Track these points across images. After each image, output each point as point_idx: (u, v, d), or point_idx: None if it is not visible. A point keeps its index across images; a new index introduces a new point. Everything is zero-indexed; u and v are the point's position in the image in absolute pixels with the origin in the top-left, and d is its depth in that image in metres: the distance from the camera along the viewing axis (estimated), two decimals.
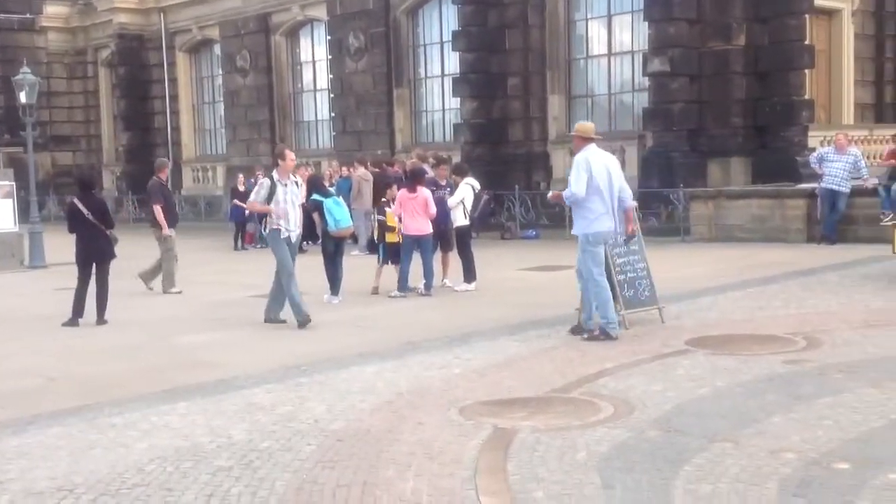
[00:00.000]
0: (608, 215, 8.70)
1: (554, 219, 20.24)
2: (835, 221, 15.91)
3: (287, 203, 10.13)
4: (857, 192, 15.93)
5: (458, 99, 23.30)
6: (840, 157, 15.93)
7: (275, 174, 10.25)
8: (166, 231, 13.14)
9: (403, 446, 5.51)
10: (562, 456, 5.24)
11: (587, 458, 5.21)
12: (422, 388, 7.00)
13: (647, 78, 20.01)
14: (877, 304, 9.92)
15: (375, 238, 13.66)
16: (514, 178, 21.75)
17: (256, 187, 10.59)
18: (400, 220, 12.08)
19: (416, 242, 12.05)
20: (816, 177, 16.41)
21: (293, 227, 10.21)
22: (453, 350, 8.41)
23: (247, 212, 21.18)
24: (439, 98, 25.47)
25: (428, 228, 12.06)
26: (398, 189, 13.24)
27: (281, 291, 10.22)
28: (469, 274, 12.34)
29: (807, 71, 19.61)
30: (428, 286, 12.08)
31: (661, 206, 18.80)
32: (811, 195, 16.56)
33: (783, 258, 14.08)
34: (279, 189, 10.10)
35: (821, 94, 21.15)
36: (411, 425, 5.95)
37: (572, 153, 22.63)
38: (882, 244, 12.25)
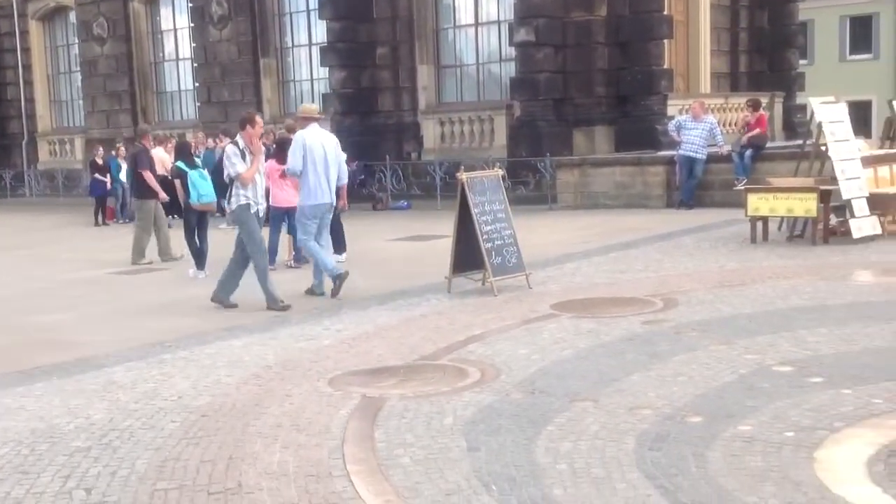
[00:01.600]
0: (323, 190, 9.47)
1: (426, 189, 20.34)
2: (692, 187, 16.53)
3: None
4: (712, 159, 16.57)
5: (327, 69, 23.02)
6: (697, 124, 16.53)
7: (240, 141, 9.23)
8: (163, 196, 13.14)
9: (270, 419, 5.46)
10: (429, 422, 5.31)
11: (454, 422, 5.29)
12: (290, 360, 6.95)
13: (513, 48, 20.22)
14: (730, 266, 10.38)
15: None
16: (385, 148, 21.70)
17: (228, 159, 9.23)
18: (268, 192, 11.86)
19: (285, 214, 11.89)
20: (675, 144, 16.98)
21: (261, 199, 9.36)
22: (323, 321, 8.37)
23: (108, 186, 20.59)
24: (307, 67, 25.06)
25: (297, 200, 11.91)
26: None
27: (236, 273, 9.28)
28: (339, 245, 12.26)
29: (666, 41, 20.19)
30: (297, 258, 11.96)
31: (529, 174, 19.12)
32: (670, 162, 17.14)
33: (644, 223, 14.56)
34: (245, 157, 9.19)
35: (679, 64, 21.84)
36: (279, 398, 5.90)
37: (442, 122, 22.50)
38: (736, 208, 12.80)
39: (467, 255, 9.46)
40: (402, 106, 22.82)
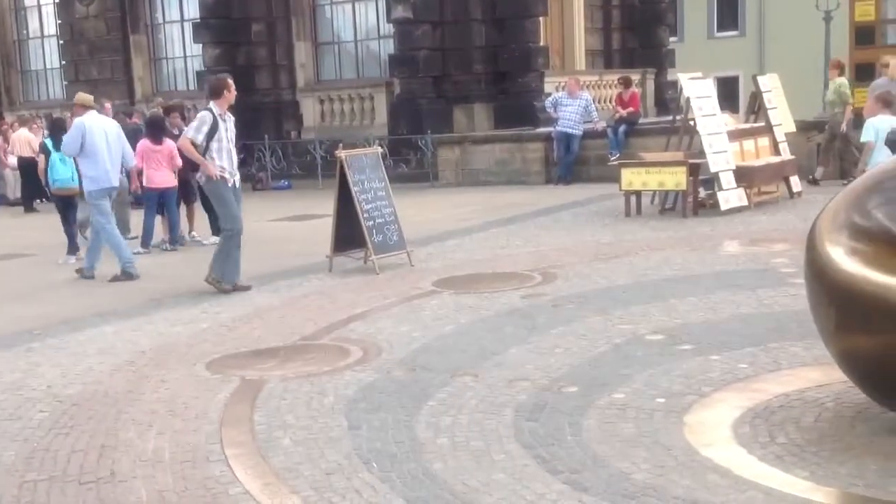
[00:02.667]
0: (107, 172, 9.70)
1: (307, 168, 20.09)
2: (570, 163, 16.84)
3: (229, 143, 8.71)
4: (588, 135, 16.91)
5: (200, 46, 22.41)
6: (572, 101, 16.83)
7: (214, 107, 8.62)
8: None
9: (145, 406, 5.33)
10: (310, 402, 5.27)
11: (335, 402, 5.27)
12: (166, 345, 6.78)
13: (391, 24, 20.13)
14: (606, 239, 10.64)
15: None
16: (264, 127, 21.28)
17: (195, 122, 8.66)
18: (140, 173, 11.52)
19: (160, 195, 11.58)
20: (552, 121, 17.26)
21: (236, 170, 8.84)
22: (200, 304, 8.19)
23: None
24: (180, 44, 24.33)
25: (173, 181, 11.63)
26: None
27: (237, 253, 8.79)
28: (216, 226, 11.99)
29: (541, 18, 20.44)
30: (173, 240, 11.67)
31: (410, 152, 19.11)
32: (548, 138, 17.41)
33: (523, 199, 14.77)
34: (220, 125, 8.57)
35: (555, 41, 22.15)
36: (154, 384, 5.76)
37: (321, 100, 22.18)
38: (611, 183, 13.10)
39: (348, 234, 9.42)
40: (280, 84, 22.43)
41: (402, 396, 5.31)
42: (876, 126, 9.08)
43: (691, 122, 12.36)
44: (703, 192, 12.31)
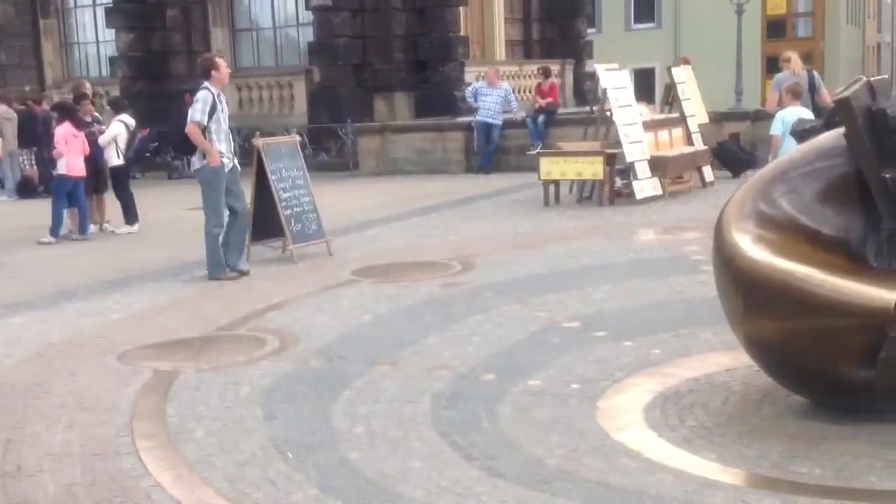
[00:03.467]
0: None
1: None
2: (490, 152, 16.93)
3: (225, 123, 8.42)
4: (508, 125, 17.01)
5: (114, 31, 21.85)
6: (492, 91, 16.91)
7: (210, 87, 8.31)
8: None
9: (54, 398, 5.19)
10: (224, 393, 5.21)
11: (250, 392, 5.21)
12: (77, 336, 6.61)
13: (310, 12, 19.93)
14: (525, 228, 10.73)
15: None
16: (179, 114, 20.86)
17: (198, 104, 8.21)
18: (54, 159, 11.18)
19: (74, 184, 11.26)
20: (473, 110, 17.32)
21: (232, 153, 8.47)
22: (113, 295, 8.00)
23: None
24: (93, 29, 23.71)
25: (83, 169, 11.33)
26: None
27: (240, 236, 8.59)
28: (129, 215, 11.76)
29: (461, 8, 20.48)
30: (83, 229, 11.37)
31: (330, 141, 18.97)
32: (468, 128, 17.47)
33: (444, 189, 14.79)
34: (218, 105, 8.23)
35: (475, 31, 22.23)
36: (63, 376, 5.61)
37: (239, 88, 21.90)
38: (531, 172, 13.20)
39: (266, 223, 9.31)
40: (196, 70, 21.98)
41: (319, 386, 5.29)
42: (784, 118, 9.32)
43: (608, 113, 12.54)
44: (619, 182, 12.51)
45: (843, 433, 4.25)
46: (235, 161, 8.61)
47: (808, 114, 8.62)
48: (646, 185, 12.19)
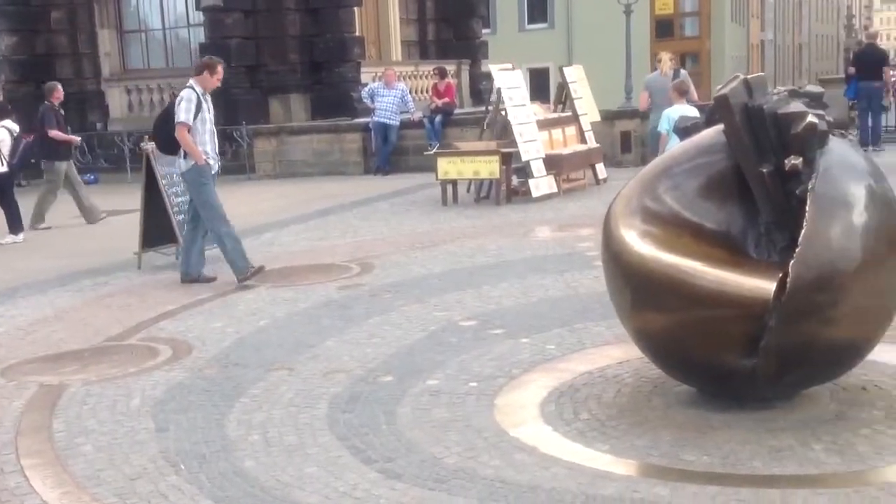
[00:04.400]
0: None
1: (114, 161, 19.24)
2: (388, 153, 16.90)
3: (210, 123, 8.16)
4: (406, 125, 17.02)
5: None
6: (389, 92, 16.88)
7: (196, 86, 8.10)
8: (76, 140, 13.44)
9: None
10: (114, 405, 5.07)
11: (141, 404, 5.08)
12: None
13: (201, 12, 19.54)
14: (422, 228, 10.76)
15: None
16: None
17: (183, 104, 7.96)
18: None
19: None
20: (370, 111, 17.27)
21: (218, 154, 8.29)
22: None
23: None
24: None
25: None
26: None
27: (196, 240, 8.20)
28: (14, 224, 11.34)
29: (356, 9, 20.38)
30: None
31: (226, 144, 18.62)
32: (366, 129, 17.41)
33: (342, 190, 14.72)
34: (203, 105, 8.02)
35: (371, 32, 22.16)
36: None
37: (129, 91, 21.38)
38: (429, 172, 13.24)
39: (158, 229, 9.11)
40: (83, 73, 21.35)
41: (214, 395, 5.19)
42: (670, 115, 9.57)
43: (502, 112, 12.66)
44: (516, 181, 12.65)
45: (728, 421, 4.38)
46: (218, 165, 8.43)
47: (692, 111, 8.85)
48: (541, 183, 12.36)
